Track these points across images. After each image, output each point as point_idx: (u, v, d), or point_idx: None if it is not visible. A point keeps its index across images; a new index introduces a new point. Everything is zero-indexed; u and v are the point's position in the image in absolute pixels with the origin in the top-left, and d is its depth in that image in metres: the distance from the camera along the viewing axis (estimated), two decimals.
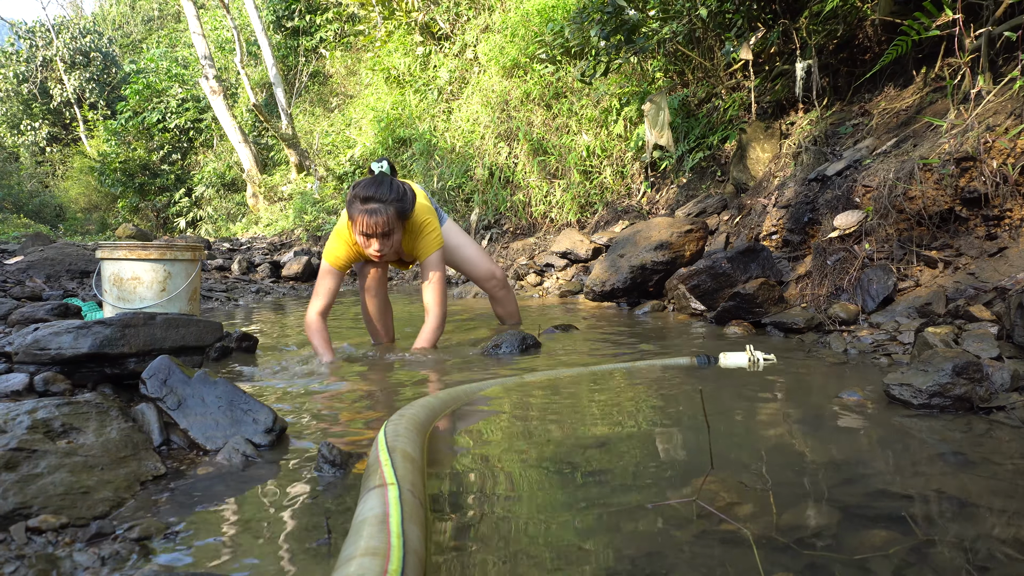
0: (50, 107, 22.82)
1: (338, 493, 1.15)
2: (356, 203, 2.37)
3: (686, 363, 2.09)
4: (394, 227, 2.42)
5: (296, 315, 4.40)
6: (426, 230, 2.58)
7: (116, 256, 3.22)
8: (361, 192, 2.36)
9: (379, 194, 2.36)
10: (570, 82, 6.95)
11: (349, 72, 14.14)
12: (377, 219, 2.35)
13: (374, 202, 2.35)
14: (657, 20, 4.69)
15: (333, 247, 2.56)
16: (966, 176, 2.58)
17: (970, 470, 1.17)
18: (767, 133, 4.68)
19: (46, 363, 1.61)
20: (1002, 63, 3.08)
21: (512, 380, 1.95)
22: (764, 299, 2.76)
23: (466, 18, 9.67)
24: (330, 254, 2.56)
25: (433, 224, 2.61)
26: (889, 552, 0.87)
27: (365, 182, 2.39)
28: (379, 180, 2.40)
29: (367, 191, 2.36)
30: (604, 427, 1.54)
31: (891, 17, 3.68)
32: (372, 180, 2.40)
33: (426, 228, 2.58)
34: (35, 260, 5.22)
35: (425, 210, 2.60)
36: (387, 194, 2.37)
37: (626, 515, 1.03)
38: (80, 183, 20.84)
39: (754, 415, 1.57)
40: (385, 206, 2.36)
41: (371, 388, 2.01)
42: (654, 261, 3.75)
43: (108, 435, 1.28)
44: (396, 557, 0.76)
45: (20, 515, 1.01)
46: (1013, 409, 1.45)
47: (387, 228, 2.39)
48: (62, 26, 22.97)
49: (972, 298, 2.30)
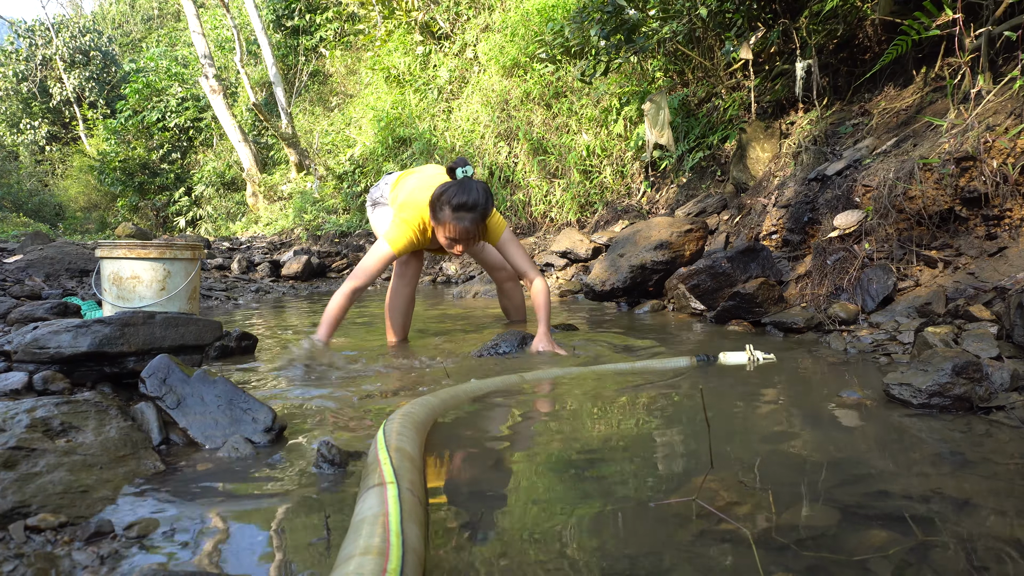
0: (50, 106, 22.80)
1: (337, 492, 1.15)
2: (447, 210, 2.38)
3: (686, 363, 2.09)
4: (479, 232, 2.46)
5: (296, 314, 4.40)
6: (494, 218, 2.59)
7: (115, 255, 3.22)
8: (454, 200, 2.37)
9: (470, 202, 2.37)
10: (570, 81, 6.94)
11: (349, 71, 14.13)
12: (469, 227, 2.39)
13: (465, 211, 2.37)
14: (657, 20, 4.69)
15: (400, 234, 2.51)
16: (966, 176, 2.58)
17: (970, 470, 1.17)
18: (767, 133, 4.68)
19: (45, 362, 1.61)
20: (1002, 63, 3.08)
21: (512, 380, 1.95)
22: (764, 299, 2.76)
23: (466, 17, 9.66)
24: (396, 241, 2.50)
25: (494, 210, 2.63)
26: (889, 552, 0.87)
27: (455, 188, 2.39)
28: (468, 187, 2.40)
29: (460, 198, 2.37)
30: (604, 426, 1.54)
31: (891, 17, 3.68)
32: (462, 187, 2.40)
33: (494, 217, 2.59)
34: (34, 259, 5.22)
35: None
36: (477, 202, 2.38)
37: (626, 514, 1.03)
38: (79, 182, 20.82)
39: (754, 415, 1.57)
40: (475, 215, 2.39)
41: (371, 387, 2.01)
42: (654, 261, 3.75)
43: (107, 434, 1.28)
44: (395, 556, 0.76)
45: (19, 514, 1.01)
46: (1013, 409, 1.45)
47: (475, 234, 2.43)
48: (62, 25, 22.95)
49: (972, 298, 2.30)
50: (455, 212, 2.37)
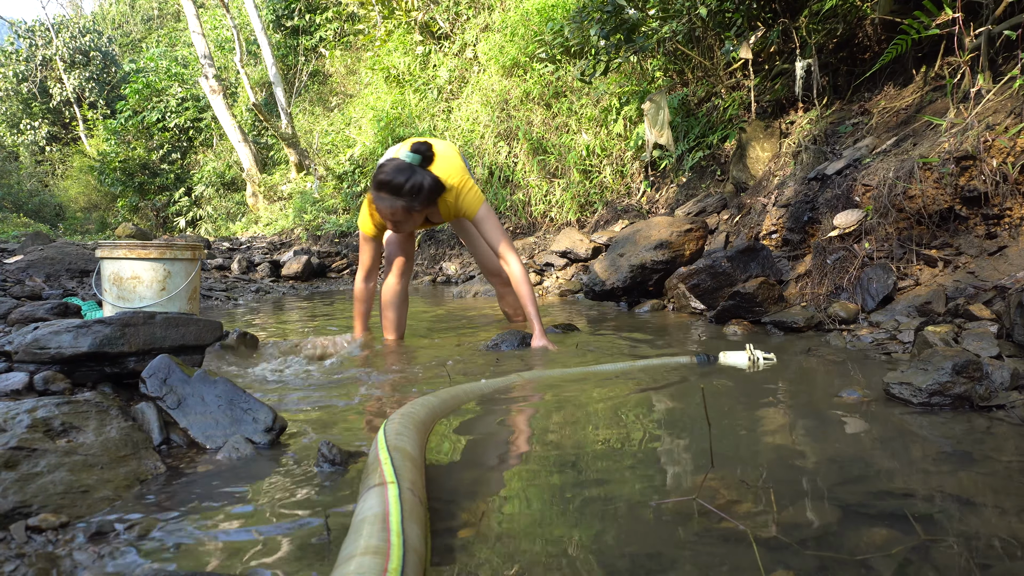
0: (50, 106, 22.80)
1: (338, 492, 1.15)
2: (372, 186, 2.42)
3: (686, 362, 2.09)
4: (403, 218, 2.44)
5: (295, 314, 4.40)
6: (464, 190, 2.58)
7: (116, 255, 3.22)
8: (379, 176, 2.38)
9: (393, 185, 2.37)
10: (570, 81, 6.94)
11: (349, 71, 14.13)
12: (383, 209, 2.42)
13: (385, 191, 2.38)
14: (657, 19, 4.69)
15: (363, 216, 2.68)
16: (966, 175, 2.58)
17: (970, 468, 1.17)
18: (767, 132, 4.68)
19: (46, 362, 1.61)
20: (1002, 62, 3.08)
21: (512, 379, 1.95)
22: (764, 298, 2.76)
23: (466, 17, 9.66)
24: (362, 223, 2.70)
25: (470, 183, 2.61)
26: (891, 551, 0.87)
27: (389, 167, 2.38)
28: (400, 170, 2.38)
29: (385, 176, 2.37)
30: (604, 425, 1.54)
31: (891, 16, 3.68)
32: (396, 167, 2.38)
33: (464, 189, 2.58)
34: (35, 259, 5.22)
35: (459, 171, 2.58)
36: (400, 187, 2.36)
37: (626, 513, 1.03)
38: (80, 182, 20.82)
39: (754, 414, 1.57)
40: (394, 199, 2.38)
41: (371, 387, 2.01)
42: (654, 260, 3.75)
43: (108, 434, 1.28)
44: (396, 556, 0.76)
45: (20, 514, 1.01)
46: (1013, 407, 1.45)
47: (396, 218, 2.44)
48: (62, 25, 22.95)
49: (972, 297, 2.30)
50: (375, 190, 2.41)
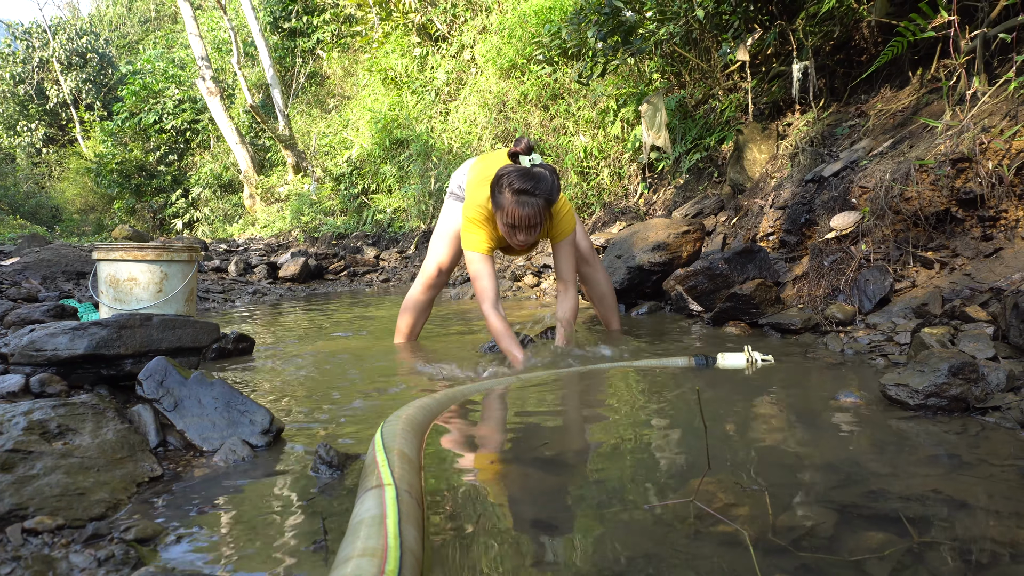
0: (46, 108, 22.77)
1: (335, 494, 1.15)
2: (507, 194, 2.26)
3: (684, 364, 2.09)
4: (541, 221, 2.33)
5: (294, 315, 4.39)
6: (562, 212, 2.47)
7: (112, 257, 3.21)
8: (515, 184, 2.25)
9: (532, 187, 2.26)
10: (567, 83, 6.95)
11: (346, 73, 14.13)
12: (529, 211, 2.26)
13: (527, 195, 2.25)
14: (654, 21, 4.70)
15: (474, 237, 2.44)
16: (962, 177, 2.59)
17: (966, 471, 1.17)
18: (764, 134, 4.69)
19: (42, 364, 1.61)
20: (997, 64, 3.09)
21: (510, 380, 1.95)
22: (761, 300, 2.76)
23: (463, 19, 9.67)
24: (475, 244, 2.43)
25: (568, 205, 2.52)
26: (885, 553, 0.88)
27: (517, 173, 2.28)
28: (531, 172, 2.30)
29: (521, 183, 2.25)
30: (601, 428, 1.54)
31: (887, 19, 3.69)
32: (525, 172, 2.29)
33: (563, 210, 2.48)
34: (31, 261, 5.21)
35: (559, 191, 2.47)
36: (540, 187, 2.27)
37: (623, 515, 1.03)
38: (76, 184, 20.79)
39: (751, 416, 1.57)
40: (536, 199, 2.26)
41: (369, 388, 2.01)
42: (651, 262, 3.76)
43: (104, 436, 1.28)
44: (393, 557, 0.76)
45: (16, 516, 1.01)
46: (1009, 409, 1.45)
47: (538, 220, 2.30)
48: (59, 27, 22.92)
49: (968, 299, 2.30)
50: (515, 196, 2.25)
